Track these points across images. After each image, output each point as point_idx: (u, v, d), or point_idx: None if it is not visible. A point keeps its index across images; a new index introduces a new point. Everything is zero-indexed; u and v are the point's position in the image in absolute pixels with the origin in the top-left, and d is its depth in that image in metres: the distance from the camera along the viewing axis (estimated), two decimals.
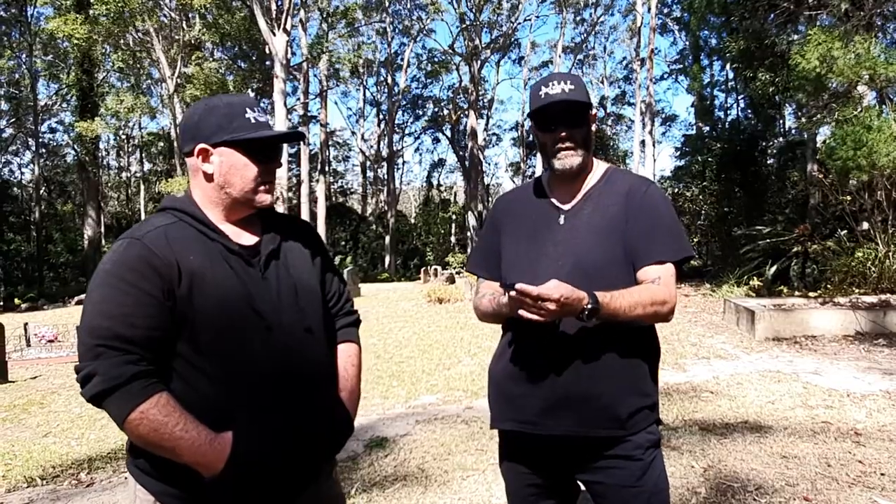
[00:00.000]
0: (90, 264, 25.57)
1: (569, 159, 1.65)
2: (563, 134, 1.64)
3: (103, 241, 29.26)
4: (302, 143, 30.31)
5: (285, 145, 1.58)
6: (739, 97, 26.98)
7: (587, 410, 1.57)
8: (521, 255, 1.70)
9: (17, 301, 22.02)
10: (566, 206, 1.70)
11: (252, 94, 34.75)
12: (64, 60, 30.36)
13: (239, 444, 1.30)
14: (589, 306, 1.45)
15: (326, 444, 1.50)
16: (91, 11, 23.34)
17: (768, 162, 21.95)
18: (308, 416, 1.42)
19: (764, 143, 21.65)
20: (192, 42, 27.45)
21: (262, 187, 1.43)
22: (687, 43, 28.96)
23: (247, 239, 1.45)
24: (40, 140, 35.20)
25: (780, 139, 23.84)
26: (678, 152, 31.95)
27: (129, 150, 40.74)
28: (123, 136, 37.89)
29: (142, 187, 36.57)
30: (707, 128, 24.21)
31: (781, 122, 24.70)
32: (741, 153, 17.90)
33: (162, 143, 36.18)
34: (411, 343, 8.81)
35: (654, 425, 1.65)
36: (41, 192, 35.93)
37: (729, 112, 28.12)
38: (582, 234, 1.65)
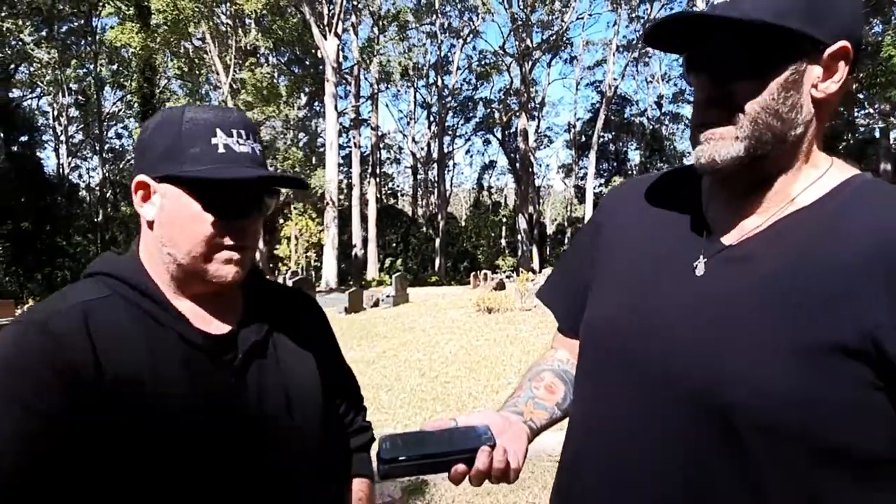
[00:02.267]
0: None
1: (708, 146, 0.81)
2: (701, 90, 0.82)
3: None
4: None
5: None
6: None
7: None
8: (612, 314, 0.91)
9: None
10: (726, 239, 0.84)
11: (304, 99, 35.27)
12: (127, 68, 31.39)
13: None
14: None
15: None
16: (151, 21, 24.02)
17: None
18: None
19: (832, 142, 20.36)
20: (247, 48, 27.91)
21: (219, 254, 0.93)
22: None
23: (217, 324, 0.98)
24: (106, 145, 36.68)
25: (849, 137, 22.40)
26: None
27: None
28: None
29: None
30: None
31: (852, 119, 23.21)
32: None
33: None
34: (458, 359, 8.42)
35: None
36: (107, 195, 37.42)
37: None
38: (733, 314, 0.78)
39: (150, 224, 0.94)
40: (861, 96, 15.48)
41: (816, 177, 0.82)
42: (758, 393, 0.72)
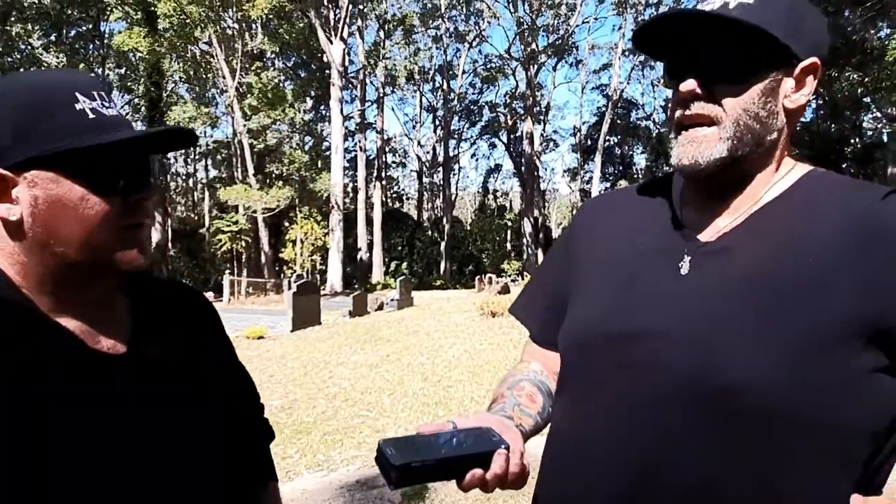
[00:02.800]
0: (156, 268, 26.40)
1: (691, 147, 0.82)
2: (687, 89, 0.82)
3: (170, 246, 30.27)
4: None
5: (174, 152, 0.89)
6: (813, 98, 25.47)
7: None
8: (597, 317, 0.90)
9: None
10: (703, 237, 0.87)
11: (309, 103, 35.40)
12: (135, 72, 31.60)
13: None
14: None
15: None
16: (158, 25, 24.20)
17: (843, 166, 20.55)
18: None
19: (838, 146, 20.28)
20: (253, 52, 28.06)
21: (122, 237, 0.78)
22: None
23: (109, 341, 0.81)
24: None
25: (856, 141, 22.31)
26: None
27: (196, 157, 42.07)
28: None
29: (206, 193, 37.68)
30: None
31: (859, 123, 23.13)
32: (816, 158, 16.75)
33: (225, 151, 37.15)
34: (461, 363, 8.41)
35: None
36: None
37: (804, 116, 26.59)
38: (722, 307, 0.79)
39: (16, 227, 0.75)
40: (868, 100, 15.43)
41: (781, 176, 0.87)
42: (749, 378, 0.73)
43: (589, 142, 42.65)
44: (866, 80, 12.07)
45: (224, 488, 0.91)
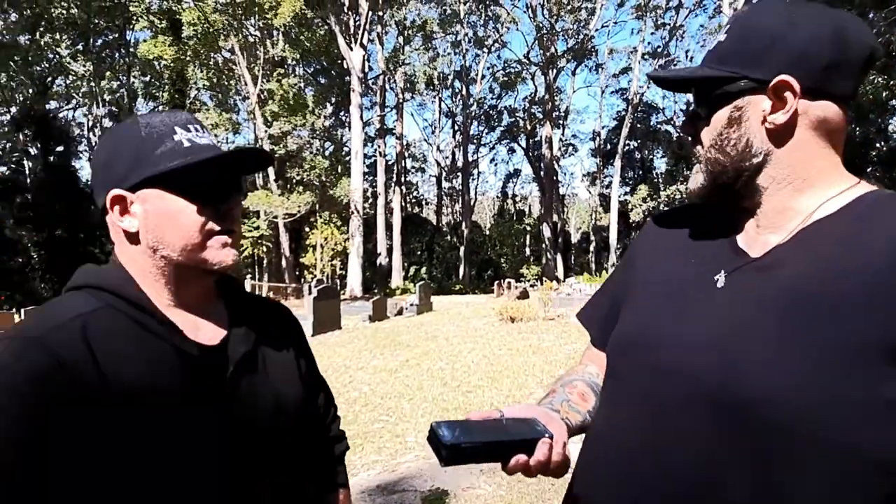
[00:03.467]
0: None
1: (692, 176, 0.97)
2: (686, 125, 0.97)
3: None
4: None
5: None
6: None
7: None
8: (637, 329, 0.95)
9: None
10: (754, 252, 0.89)
11: (329, 108, 35.69)
12: (159, 80, 32.19)
13: None
14: None
15: None
16: (182, 33, 24.63)
17: (867, 170, 20.19)
18: None
19: (863, 150, 19.94)
20: (275, 59, 28.41)
21: (213, 239, 0.94)
22: None
23: (207, 334, 0.97)
24: None
25: (882, 144, 21.91)
26: None
27: None
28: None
29: None
30: None
31: (884, 126, 22.71)
32: (849, 163, 16.45)
33: None
34: (480, 369, 8.42)
35: None
36: None
37: None
38: (752, 321, 0.81)
39: (134, 236, 0.94)
40: (894, 103, 15.15)
41: (833, 194, 0.87)
42: (770, 392, 0.74)
43: (608, 146, 42.42)
44: (891, 83, 11.87)
45: (296, 482, 1.04)
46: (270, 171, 27.95)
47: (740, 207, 0.93)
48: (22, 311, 15.40)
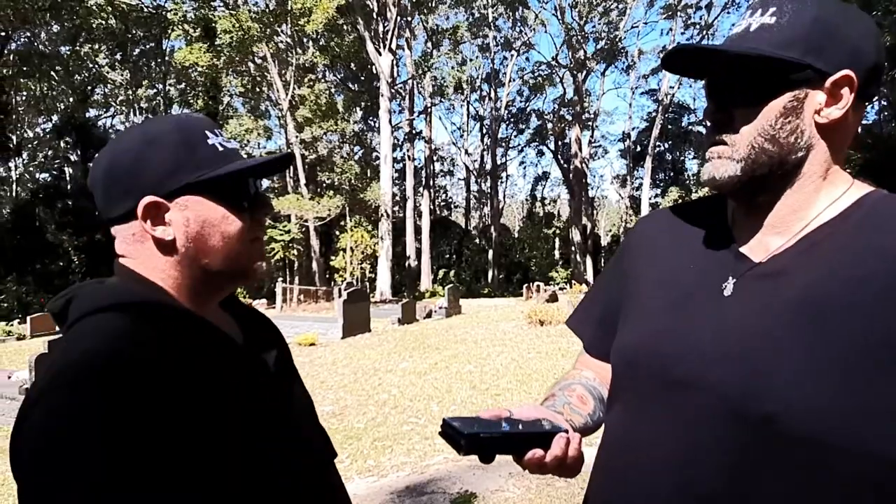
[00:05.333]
0: None
1: (711, 165, 0.87)
2: (710, 117, 0.89)
3: None
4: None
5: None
6: (875, 100, 24.31)
7: None
8: (646, 340, 0.92)
9: None
10: (756, 257, 0.88)
11: (359, 113, 36.02)
12: (194, 87, 32.90)
13: None
14: None
15: None
16: (216, 41, 25.17)
17: None
18: None
19: None
20: (305, 65, 28.81)
21: (253, 248, 0.93)
22: None
23: (237, 338, 0.98)
24: None
25: None
26: None
27: None
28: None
29: None
30: None
31: None
32: (884, 163, 15.98)
33: None
34: (509, 372, 8.41)
35: None
36: None
37: (864, 117, 25.40)
38: (765, 330, 0.80)
39: (169, 245, 0.88)
40: None
41: (837, 196, 0.86)
42: (796, 404, 0.74)
43: (639, 148, 41.90)
44: None
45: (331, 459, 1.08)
46: (301, 175, 28.34)
47: (751, 203, 0.88)
48: None
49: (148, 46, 33.19)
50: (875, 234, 0.80)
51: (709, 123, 0.89)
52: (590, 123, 39.68)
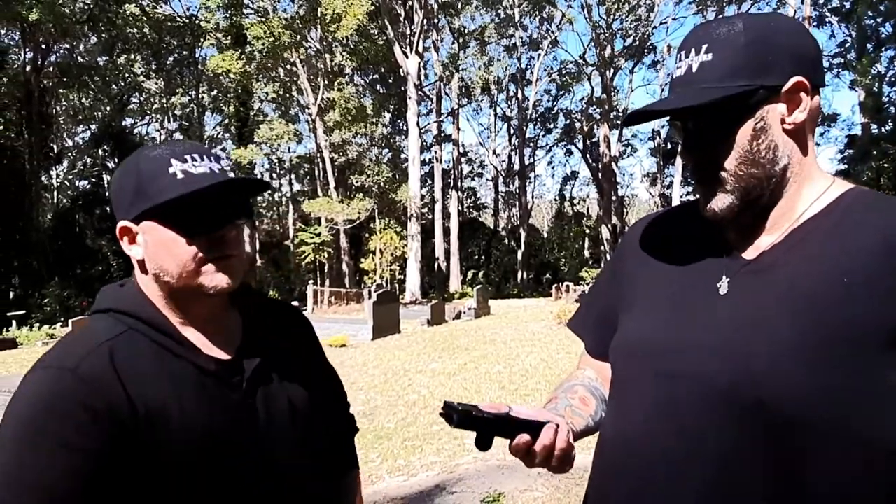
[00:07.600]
0: (249, 281, 27.81)
1: (704, 199, 0.93)
2: (690, 161, 0.94)
3: (257, 259, 31.83)
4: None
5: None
6: None
7: None
8: (644, 338, 0.96)
9: None
10: (747, 255, 0.92)
11: (387, 116, 36.30)
12: (226, 95, 33.59)
13: None
14: None
15: None
16: (247, 48, 25.68)
17: None
18: None
19: None
20: (335, 69, 29.17)
21: (205, 267, 0.97)
22: (851, 34, 25.90)
23: (223, 347, 1.04)
24: None
25: None
26: (842, 156, 28.68)
27: (281, 171, 44.03)
28: (275, 160, 41.04)
29: (290, 207, 39.33)
30: (876, 127, 21.34)
31: None
32: None
33: (307, 165, 38.69)
34: (538, 372, 8.42)
35: None
36: None
37: None
38: (758, 322, 0.84)
39: (142, 263, 1.00)
40: None
41: (820, 192, 0.91)
42: (786, 391, 0.78)
43: (668, 145, 41.32)
44: None
45: (315, 473, 1.11)
46: (331, 178, 28.68)
47: (754, 215, 0.92)
48: None
49: (182, 55, 33.99)
50: (857, 227, 0.85)
51: (689, 164, 0.94)
52: (618, 121, 39.28)
